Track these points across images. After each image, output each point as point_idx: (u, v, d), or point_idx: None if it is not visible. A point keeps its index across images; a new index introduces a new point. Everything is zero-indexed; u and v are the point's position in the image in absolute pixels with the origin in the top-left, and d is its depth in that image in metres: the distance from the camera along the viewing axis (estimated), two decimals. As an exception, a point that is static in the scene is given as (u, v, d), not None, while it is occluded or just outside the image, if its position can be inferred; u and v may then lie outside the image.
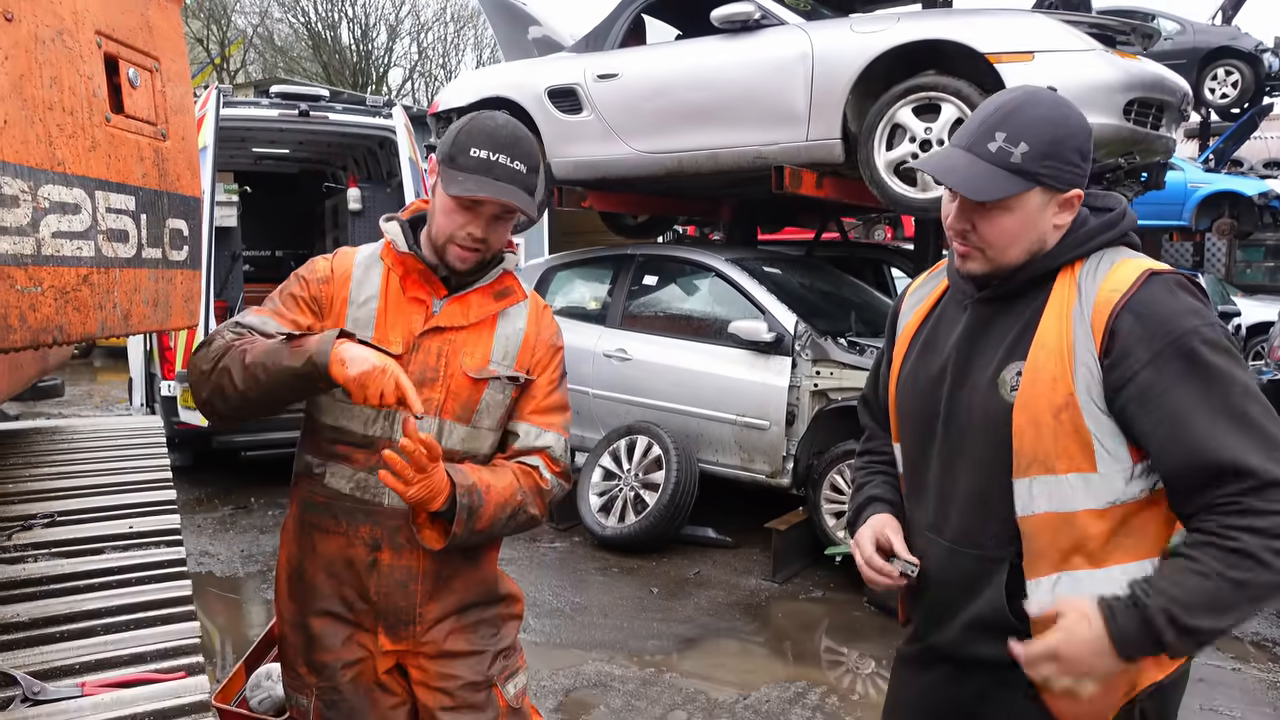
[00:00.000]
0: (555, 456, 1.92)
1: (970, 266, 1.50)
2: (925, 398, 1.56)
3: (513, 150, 1.73)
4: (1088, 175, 1.46)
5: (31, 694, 1.44)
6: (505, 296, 1.90)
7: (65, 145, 1.37)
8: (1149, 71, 4.78)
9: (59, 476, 2.55)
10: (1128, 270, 1.42)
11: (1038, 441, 1.42)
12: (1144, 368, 1.36)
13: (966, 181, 1.42)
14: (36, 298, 1.30)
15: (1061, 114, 1.44)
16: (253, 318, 1.80)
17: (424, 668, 1.90)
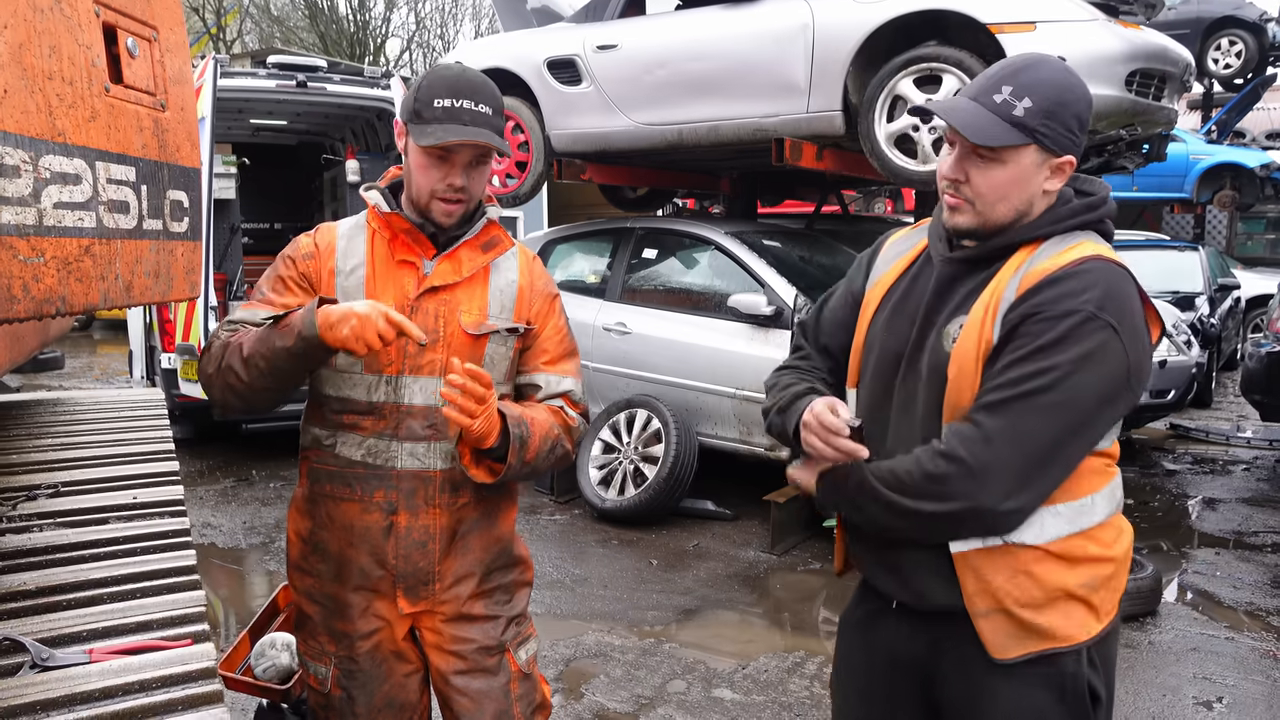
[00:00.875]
0: (576, 398, 1.97)
1: (958, 220, 1.54)
2: (892, 350, 1.62)
3: (475, 95, 1.75)
4: (1083, 148, 1.51)
5: (40, 660, 1.46)
6: (493, 247, 1.91)
7: (65, 115, 1.37)
8: (1151, 42, 4.75)
9: (62, 448, 2.56)
10: (1076, 251, 1.48)
11: (962, 389, 1.49)
12: (1024, 320, 1.44)
13: (969, 123, 1.46)
14: (39, 268, 1.30)
15: (1067, 80, 1.49)
16: (242, 312, 1.82)
17: (439, 630, 1.93)
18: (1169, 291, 9.09)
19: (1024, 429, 1.41)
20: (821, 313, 1.83)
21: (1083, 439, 1.46)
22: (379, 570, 1.88)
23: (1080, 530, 1.50)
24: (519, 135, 6.10)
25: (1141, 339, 1.47)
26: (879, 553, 1.65)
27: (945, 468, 1.44)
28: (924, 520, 1.48)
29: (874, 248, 1.79)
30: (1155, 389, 6.63)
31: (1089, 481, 1.51)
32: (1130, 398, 1.48)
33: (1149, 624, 4.11)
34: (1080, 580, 1.49)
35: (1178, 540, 5.33)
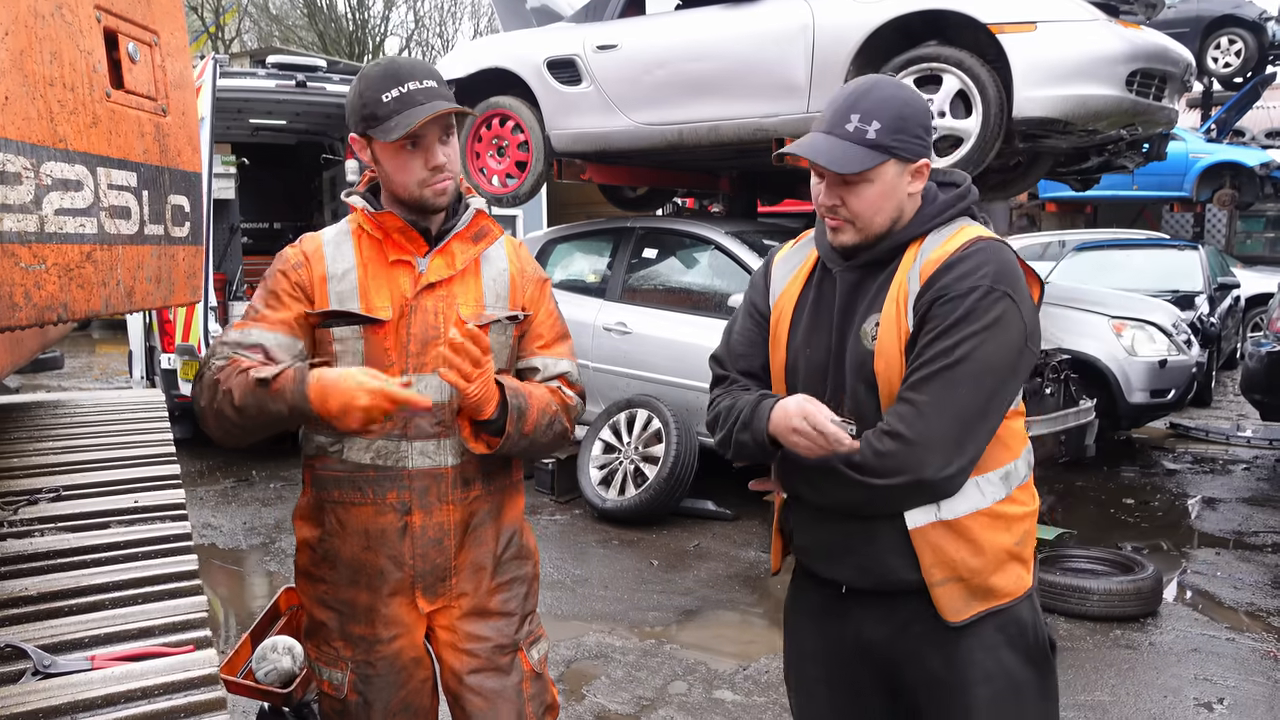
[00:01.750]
0: (573, 379, 2.01)
1: (843, 239, 1.67)
2: (817, 362, 1.73)
3: (413, 75, 1.76)
4: (930, 148, 1.67)
5: (42, 667, 1.46)
6: (483, 237, 1.93)
7: (66, 121, 1.36)
8: (1152, 42, 4.75)
9: (63, 451, 2.55)
10: (961, 236, 1.64)
11: (892, 380, 1.62)
12: (933, 305, 1.58)
13: (832, 159, 1.60)
14: (41, 275, 1.30)
15: (905, 95, 1.66)
16: (234, 333, 1.81)
17: (454, 628, 1.93)
18: (1169, 290, 9.08)
19: (951, 398, 1.55)
20: (731, 339, 1.88)
21: (1001, 400, 1.61)
22: (397, 571, 1.88)
23: (1009, 493, 1.67)
24: (519, 135, 6.10)
25: (1029, 301, 1.64)
26: (832, 544, 1.73)
27: (889, 445, 1.57)
28: (875, 493, 1.59)
29: (763, 267, 1.90)
30: (1155, 388, 6.63)
31: (1012, 448, 1.68)
32: (1030, 357, 1.64)
33: (1149, 625, 4.11)
34: (1015, 538, 1.66)
35: (1178, 540, 5.33)
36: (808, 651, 1.86)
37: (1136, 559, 4.46)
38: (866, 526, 1.66)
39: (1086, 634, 4.00)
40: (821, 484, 1.66)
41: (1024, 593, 1.69)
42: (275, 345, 1.79)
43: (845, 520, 1.68)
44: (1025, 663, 1.68)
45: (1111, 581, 4.17)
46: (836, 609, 1.77)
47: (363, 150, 1.83)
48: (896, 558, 1.64)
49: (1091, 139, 5.02)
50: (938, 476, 1.56)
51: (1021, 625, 1.68)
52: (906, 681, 1.72)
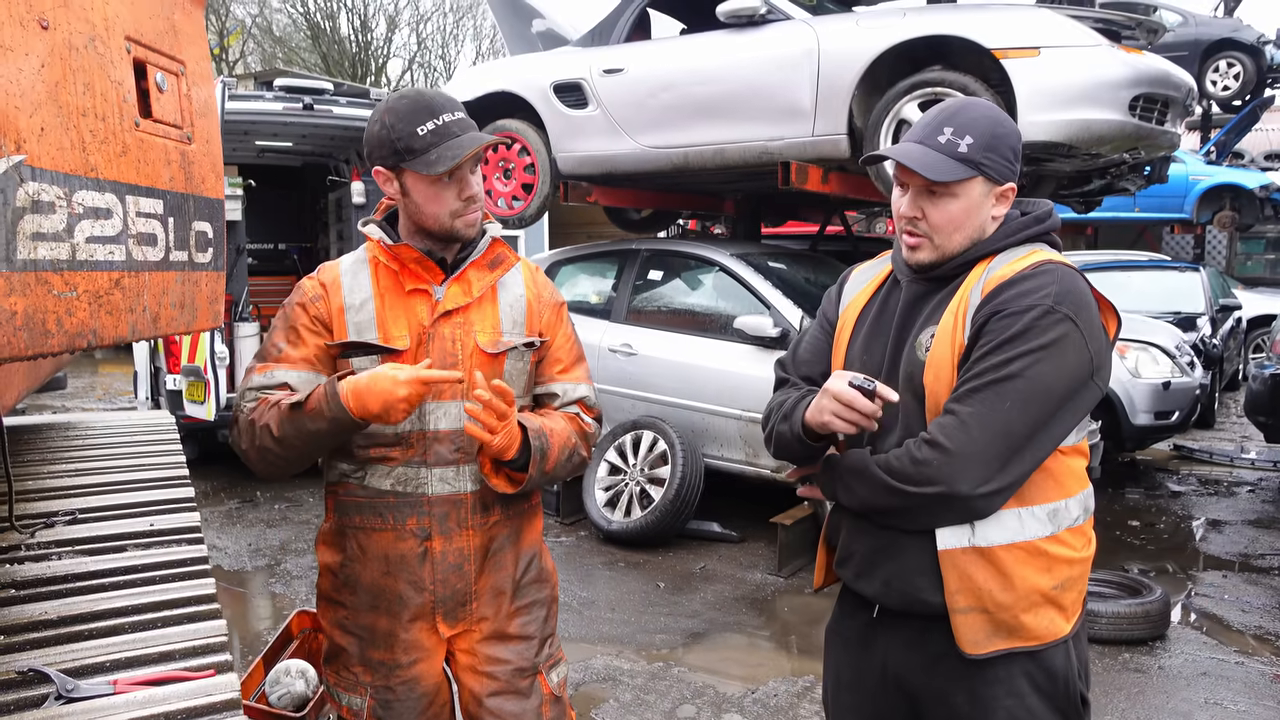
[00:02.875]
0: (590, 403, 2.02)
1: (919, 256, 1.67)
2: (871, 368, 1.71)
3: (445, 107, 1.79)
4: (1019, 175, 1.66)
5: (65, 691, 1.46)
6: (499, 264, 1.94)
7: (98, 151, 1.38)
8: (1155, 67, 4.79)
9: (77, 474, 2.56)
10: (1032, 258, 1.61)
11: (939, 393, 1.59)
12: (989, 319, 1.56)
13: (923, 164, 1.60)
14: (72, 302, 1.31)
15: (999, 116, 1.65)
16: (258, 377, 1.84)
17: (474, 651, 1.94)
18: (1170, 312, 9.10)
19: (996, 415, 1.52)
20: (799, 347, 1.91)
21: (1051, 429, 1.56)
22: (418, 596, 1.89)
23: (1056, 533, 1.60)
24: (525, 158, 6.14)
25: (1099, 333, 1.59)
26: (865, 555, 1.71)
27: (927, 453, 1.55)
28: (908, 500, 1.57)
29: (840, 280, 1.92)
30: (1159, 410, 6.64)
31: (1065, 486, 1.62)
32: (1094, 391, 1.59)
33: (1158, 648, 4.10)
34: (1054, 581, 1.60)
35: (1184, 563, 5.32)
36: (843, 680, 1.85)
37: (1144, 582, 4.45)
38: (897, 541, 1.65)
39: (1095, 657, 3.98)
40: (857, 488, 1.65)
41: (1057, 639, 1.62)
42: (299, 383, 1.83)
43: (880, 532, 1.67)
44: (1053, 712, 1.62)
45: (1119, 604, 4.16)
46: (867, 635, 1.76)
47: (388, 182, 1.83)
48: (923, 578, 1.62)
49: (1094, 162, 5.05)
50: (972, 492, 1.52)
51: (1052, 674, 1.62)
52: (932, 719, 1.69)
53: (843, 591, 1.86)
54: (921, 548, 1.61)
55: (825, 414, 1.62)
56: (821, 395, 1.63)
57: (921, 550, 1.61)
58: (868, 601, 1.74)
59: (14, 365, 2.25)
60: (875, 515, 1.66)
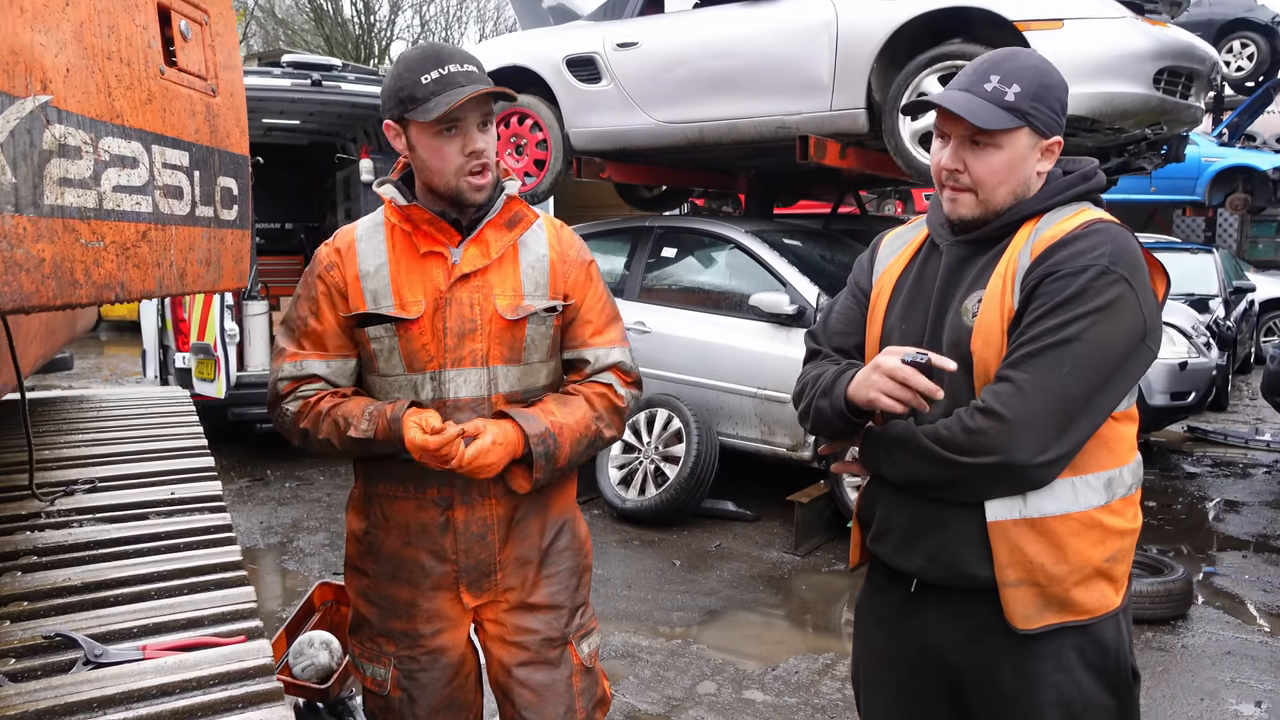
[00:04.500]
0: (626, 368, 1.94)
1: (961, 210, 1.59)
2: (911, 337, 1.65)
3: (454, 59, 1.72)
4: (1063, 129, 1.59)
5: (93, 656, 1.43)
6: (518, 223, 1.86)
7: (123, 97, 1.33)
8: (1179, 39, 4.71)
9: (95, 443, 2.53)
10: (1081, 217, 1.55)
11: (989, 360, 1.53)
12: (1042, 281, 1.49)
13: (968, 110, 1.52)
14: (99, 253, 1.27)
15: (1047, 66, 1.58)
16: (289, 366, 1.82)
17: (501, 621, 1.89)
18: (1184, 294, 9.04)
19: (1054, 380, 1.46)
20: (829, 317, 1.84)
21: (1108, 393, 1.50)
22: (441, 566, 1.84)
23: (1110, 502, 1.54)
24: (537, 133, 6.07)
25: (1151, 295, 1.54)
26: (906, 530, 1.64)
27: (982, 422, 1.48)
28: (961, 471, 1.50)
29: (871, 247, 1.84)
30: (1176, 391, 6.59)
31: (1119, 454, 1.57)
32: (1148, 354, 1.53)
33: (1180, 627, 4.06)
34: (1106, 554, 1.54)
35: (1201, 543, 5.28)
36: (875, 656, 1.78)
37: (1165, 561, 4.41)
38: (943, 513, 1.58)
39: (1117, 636, 3.94)
40: (904, 460, 1.58)
41: (1108, 612, 1.56)
42: (329, 374, 1.83)
43: (922, 504, 1.60)
44: (1103, 687, 1.56)
45: (1141, 583, 4.12)
46: (905, 610, 1.69)
47: (397, 138, 1.78)
48: (970, 550, 1.55)
49: (1116, 137, 4.98)
50: (1030, 461, 1.46)
51: (1103, 648, 1.56)
52: (974, 697, 1.62)
53: (873, 567, 1.80)
54: (969, 520, 1.55)
55: (874, 391, 1.54)
56: (871, 371, 1.56)
57: (968, 522, 1.55)
58: (903, 577, 1.68)
59: (32, 328, 2.21)
60: (922, 488, 1.60)
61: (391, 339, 1.78)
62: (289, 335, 1.85)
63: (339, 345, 1.83)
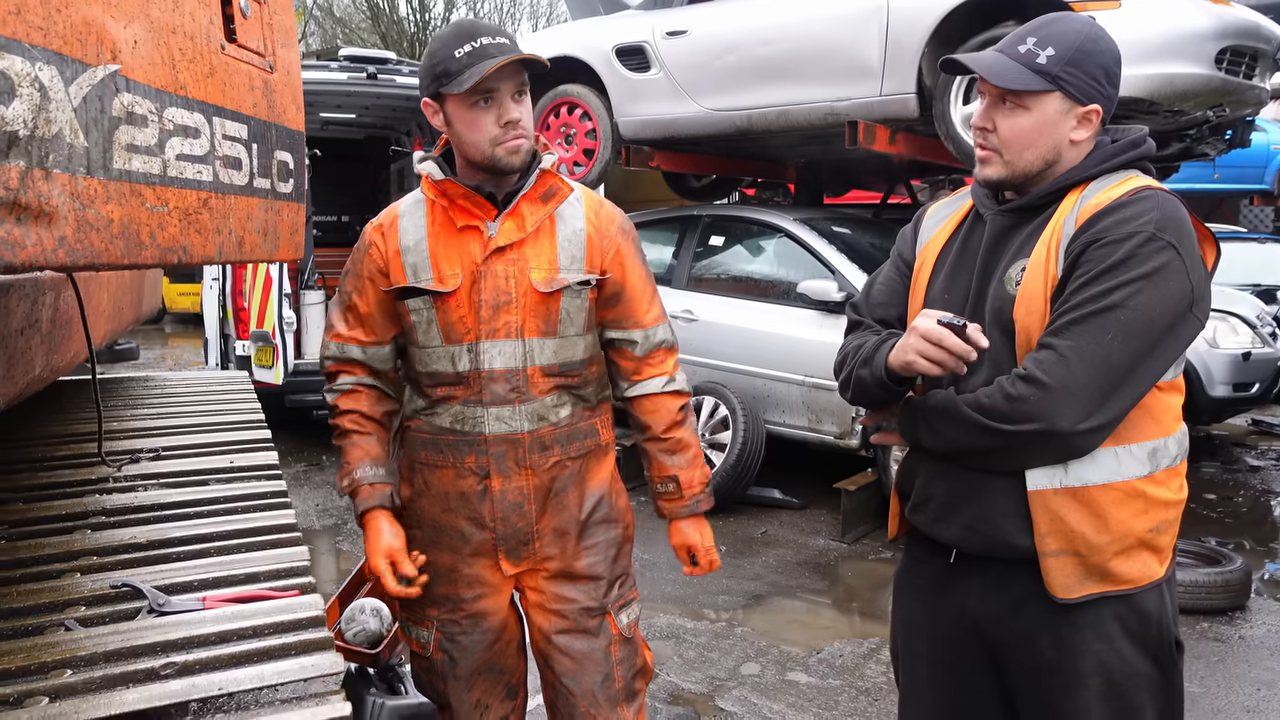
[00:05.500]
0: (670, 344, 2.02)
1: (988, 171, 1.59)
2: (954, 306, 1.63)
3: (487, 31, 1.75)
4: (1113, 101, 1.54)
5: (157, 605, 1.50)
6: (553, 196, 1.88)
7: (186, 69, 1.40)
8: (1242, 18, 4.59)
9: (159, 417, 2.63)
10: (1128, 184, 1.52)
11: (1031, 329, 1.52)
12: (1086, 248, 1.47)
13: (992, 69, 1.52)
14: (164, 217, 1.33)
15: (1094, 32, 1.53)
16: (333, 346, 1.96)
17: (542, 589, 1.94)
18: (1250, 284, 8.78)
19: (1098, 347, 1.44)
20: (872, 288, 1.83)
21: (1153, 362, 1.48)
22: (479, 533, 1.89)
23: (1154, 473, 1.53)
24: (587, 122, 6.12)
25: (1199, 263, 1.50)
26: (945, 499, 1.64)
27: (1024, 389, 1.47)
28: (1002, 439, 1.50)
29: (915, 219, 1.83)
30: (1239, 382, 6.41)
31: (1164, 424, 1.55)
32: (1194, 324, 1.51)
33: (1238, 618, 3.97)
34: (1150, 524, 1.53)
35: (1263, 536, 5.15)
36: (914, 626, 1.78)
37: (1223, 551, 4.32)
38: (982, 482, 1.57)
39: (1172, 626, 3.87)
40: (944, 429, 1.58)
41: (1151, 582, 1.54)
42: (366, 359, 1.94)
43: (962, 473, 1.60)
44: (1145, 657, 1.55)
45: (1198, 573, 4.04)
46: (944, 581, 1.69)
47: (435, 115, 1.82)
48: (1009, 520, 1.54)
49: (1177, 120, 4.87)
50: (1073, 429, 1.45)
51: (1145, 617, 1.54)
52: (1013, 666, 1.62)
53: (912, 538, 1.80)
54: (1009, 489, 1.54)
55: (910, 353, 1.54)
56: (908, 335, 1.56)
57: (1009, 492, 1.54)
58: (942, 548, 1.67)
59: (102, 304, 2.30)
60: (963, 457, 1.59)
61: (430, 311, 1.83)
62: (338, 309, 1.96)
63: (378, 326, 1.92)
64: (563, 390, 1.90)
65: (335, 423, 1.95)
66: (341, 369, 1.96)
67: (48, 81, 1.08)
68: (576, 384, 1.93)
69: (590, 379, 1.96)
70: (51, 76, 1.08)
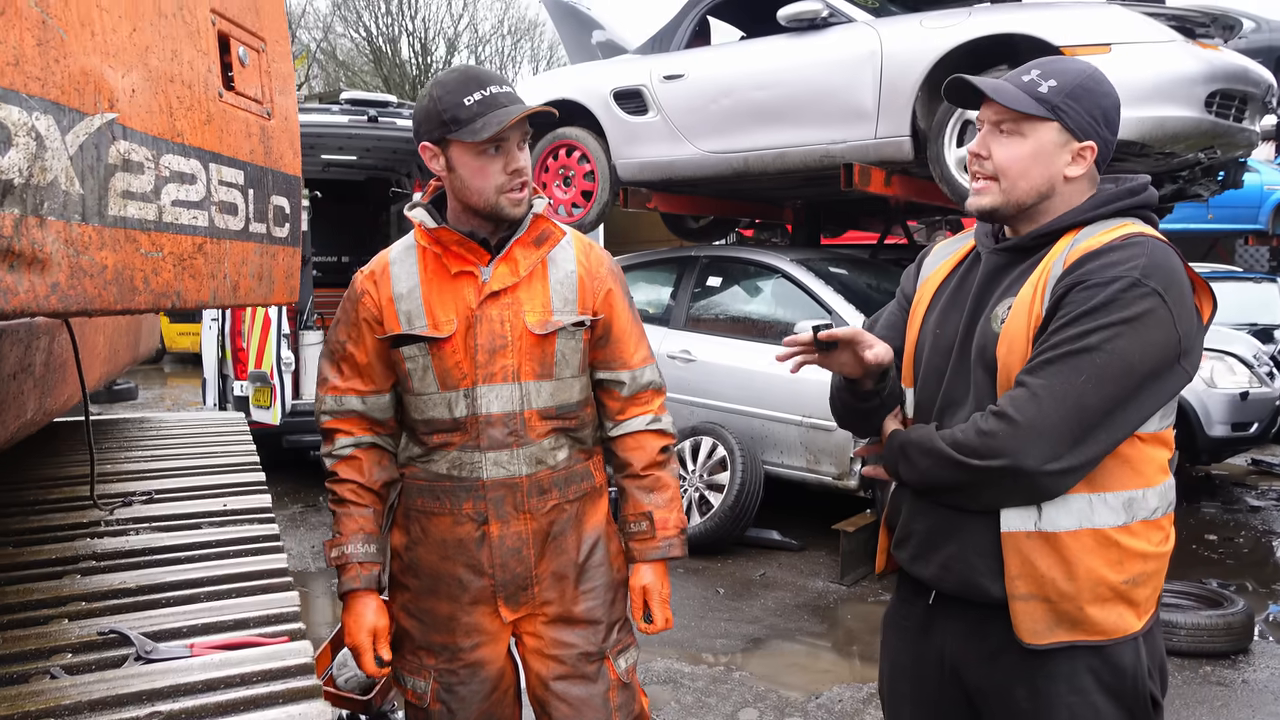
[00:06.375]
0: (658, 386, 2.02)
1: (983, 201, 1.59)
2: (944, 342, 1.65)
3: (491, 80, 1.77)
4: (1110, 144, 1.55)
5: (144, 653, 1.48)
6: (546, 240, 1.89)
7: (184, 117, 1.41)
8: (1231, 62, 4.65)
9: (153, 459, 2.62)
10: (1121, 230, 1.51)
11: (1012, 368, 1.51)
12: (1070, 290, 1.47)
13: (995, 89, 1.52)
14: (158, 262, 1.34)
15: (1097, 74, 1.56)
16: (329, 400, 1.93)
17: (540, 634, 1.92)
18: (1246, 324, 8.81)
19: (1070, 388, 1.43)
20: (876, 324, 1.86)
21: (1130, 410, 1.46)
22: (478, 580, 1.88)
23: (1129, 523, 1.50)
24: (585, 165, 6.17)
25: (1190, 314, 1.48)
26: (923, 536, 1.64)
27: (994, 425, 1.47)
28: (971, 474, 1.50)
29: (920, 255, 1.85)
30: (1237, 421, 6.41)
31: (1144, 475, 1.52)
32: (1181, 376, 1.48)
33: (1241, 662, 3.93)
34: (1124, 576, 1.50)
35: (1265, 578, 5.11)
36: (899, 667, 1.77)
37: (1225, 594, 4.28)
38: (958, 521, 1.57)
39: (1174, 670, 3.83)
40: (920, 461, 1.58)
41: (1126, 635, 1.52)
42: (366, 409, 1.92)
43: (942, 511, 1.60)
44: (1120, 711, 1.52)
45: (1200, 616, 4.01)
46: (926, 622, 1.69)
47: (434, 159, 1.81)
48: (983, 561, 1.53)
49: (1169, 162, 4.92)
50: (1039, 468, 1.44)
51: (1119, 671, 1.52)
52: (991, 714, 1.61)
53: (901, 576, 1.79)
54: (983, 529, 1.53)
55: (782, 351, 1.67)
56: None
57: (983, 532, 1.53)
58: (924, 587, 1.68)
59: (97, 346, 2.31)
60: (937, 492, 1.59)
61: (425, 358, 1.83)
62: (330, 362, 1.93)
63: (376, 375, 1.90)
64: (560, 433, 1.90)
65: (333, 489, 1.93)
66: (340, 427, 1.92)
67: (44, 130, 1.09)
68: (573, 426, 1.93)
69: (586, 421, 1.97)
70: (48, 126, 1.10)
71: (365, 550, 1.87)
